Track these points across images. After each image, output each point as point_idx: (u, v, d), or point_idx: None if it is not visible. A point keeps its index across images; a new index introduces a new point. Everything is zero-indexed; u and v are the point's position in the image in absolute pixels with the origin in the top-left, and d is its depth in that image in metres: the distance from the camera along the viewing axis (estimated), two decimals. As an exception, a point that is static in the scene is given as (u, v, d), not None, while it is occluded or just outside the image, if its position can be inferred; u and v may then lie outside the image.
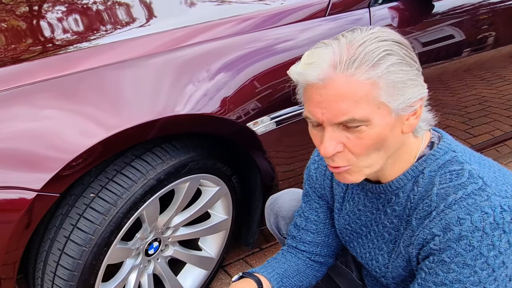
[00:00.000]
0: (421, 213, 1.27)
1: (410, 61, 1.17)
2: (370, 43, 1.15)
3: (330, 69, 1.14)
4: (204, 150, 2.03)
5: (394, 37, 1.18)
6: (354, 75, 1.13)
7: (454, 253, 1.19)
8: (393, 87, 1.15)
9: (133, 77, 1.76)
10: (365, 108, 1.15)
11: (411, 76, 1.17)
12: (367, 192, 1.42)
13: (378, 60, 1.13)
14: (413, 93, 1.17)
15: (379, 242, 1.43)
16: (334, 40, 1.19)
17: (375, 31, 1.19)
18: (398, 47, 1.17)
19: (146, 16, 2.28)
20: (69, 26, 2.19)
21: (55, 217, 1.82)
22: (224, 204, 2.25)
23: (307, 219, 1.64)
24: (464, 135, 2.89)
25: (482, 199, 1.19)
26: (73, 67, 1.72)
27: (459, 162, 1.26)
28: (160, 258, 2.18)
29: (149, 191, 1.86)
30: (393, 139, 1.22)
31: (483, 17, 2.62)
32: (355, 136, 1.18)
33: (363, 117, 1.15)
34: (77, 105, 1.66)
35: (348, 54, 1.14)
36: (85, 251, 1.79)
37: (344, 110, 1.15)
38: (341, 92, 1.14)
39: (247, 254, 2.72)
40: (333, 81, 1.14)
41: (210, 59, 1.89)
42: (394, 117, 1.18)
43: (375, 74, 1.13)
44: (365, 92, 1.14)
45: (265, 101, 1.98)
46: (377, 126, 1.17)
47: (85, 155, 1.64)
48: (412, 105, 1.18)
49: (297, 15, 2.11)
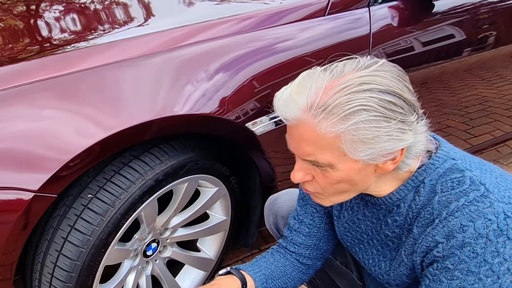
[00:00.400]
0: (423, 221, 1.27)
1: (390, 115, 1.13)
2: (347, 92, 1.11)
3: (304, 111, 1.15)
4: (203, 150, 2.03)
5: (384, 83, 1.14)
6: (318, 125, 1.14)
7: (458, 260, 1.19)
8: (359, 142, 1.14)
9: (131, 77, 1.76)
10: (328, 154, 1.17)
11: (386, 132, 1.13)
12: (367, 202, 1.42)
13: (348, 114, 1.11)
14: (385, 147, 1.15)
15: (384, 249, 1.43)
16: (321, 74, 1.17)
17: (367, 73, 1.15)
18: (379, 100, 1.12)
19: (144, 16, 2.29)
20: (67, 25, 2.19)
21: (53, 218, 1.82)
22: (223, 205, 2.25)
23: (302, 222, 1.64)
24: (465, 135, 2.89)
25: (485, 205, 1.19)
26: (71, 67, 1.72)
27: (460, 170, 1.26)
28: (159, 259, 2.18)
29: (147, 192, 1.86)
30: (363, 179, 1.24)
31: (483, 16, 2.62)
32: (321, 173, 1.23)
33: (325, 162, 1.19)
34: (74, 105, 1.67)
35: (322, 99, 1.13)
36: (82, 252, 1.79)
37: (308, 152, 1.19)
38: (306, 136, 1.17)
39: (246, 255, 2.72)
40: (304, 124, 1.16)
41: (208, 59, 1.89)
42: (362, 164, 1.19)
43: (339, 128, 1.12)
44: (328, 142, 1.15)
45: (264, 101, 1.98)
46: (341, 171, 1.20)
47: (82, 156, 1.64)
48: (386, 155, 1.17)
49: (296, 15, 2.11)
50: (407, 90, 1.17)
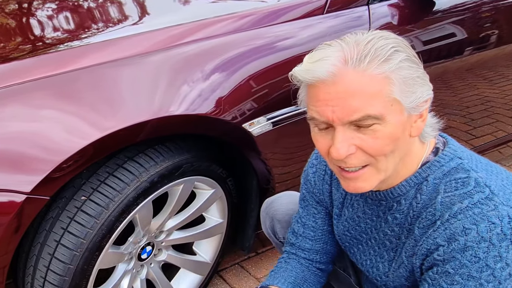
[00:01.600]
0: (424, 222, 1.27)
1: (416, 60, 1.18)
2: (378, 40, 1.15)
3: (341, 64, 1.13)
4: (199, 151, 2.03)
5: (396, 36, 1.19)
6: (366, 70, 1.12)
7: (459, 264, 1.18)
8: (404, 84, 1.14)
9: (126, 76, 1.77)
10: (378, 104, 1.13)
11: (419, 74, 1.17)
12: (367, 198, 1.42)
13: (389, 55, 1.13)
14: (422, 92, 1.17)
15: (381, 249, 1.43)
16: (338, 40, 1.19)
17: (376, 32, 1.19)
18: (403, 45, 1.18)
19: (139, 14, 2.29)
20: (60, 24, 2.20)
21: (45, 220, 1.82)
22: (219, 207, 2.25)
23: (305, 225, 1.64)
24: (466, 136, 2.90)
25: (489, 208, 1.18)
26: (64, 66, 1.73)
27: (465, 170, 1.25)
28: (153, 262, 2.19)
29: (142, 194, 1.87)
30: (404, 141, 1.21)
31: (485, 14, 2.63)
32: (368, 136, 1.16)
33: (377, 114, 1.13)
34: (68, 105, 1.67)
35: (358, 50, 1.14)
36: (76, 255, 1.79)
37: (357, 107, 1.13)
38: (353, 88, 1.12)
39: (243, 258, 2.72)
40: (344, 77, 1.13)
41: (205, 58, 1.90)
42: (406, 116, 1.18)
43: (388, 68, 1.12)
44: (379, 88, 1.13)
45: (261, 101, 1.98)
46: (390, 125, 1.15)
47: (76, 157, 1.64)
48: (420, 105, 1.18)
49: (294, 13, 2.12)
50: None
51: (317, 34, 2.11)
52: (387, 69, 1.12)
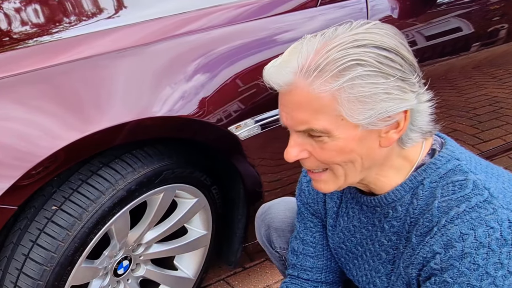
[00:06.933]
0: (422, 229, 1.28)
1: (388, 71, 1.16)
2: (340, 49, 1.16)
3: (296, 73, 1.18)
4: (181, 157, 2.04)
5: (379, 40, 1.18)
6: (312, 85, 1.17)
7: (457, 273, 1.20)
8: (357, 101, 1.16)
9: (101, 75, 1.78)
10: (324, 119, 1.19)
11: (385, 89, 1.17)
12: (362, 205, 1.44)
13: (342, 70, 1.15)
14: (386, 108, 1.18)
15: (376, 263, 1.44)
16: (312, 38, 1.22)
17: (361, 31, 1.20)
18: (375, 55, 1.16)
19: (115, 7, 2.30)
20: (29, 17, 2.20)
21: (13, 232, 1.83)
22: (203, 218, 2.26)
23: (303, 241, 1.66)
24: (473, 140, 2.91)
25: (487, 212, 1.20)
26: (32, 64, 1.73)
27: (463, 172, 1.27)
28: (131, 278, 2.20)
29: (118, 203, 1.88)
30: (366, 152, 1.24)
31: (494, 7, 2.65)
32: (318, 145, 1.24)
33: (322, 129, 1.20)
34: (38, 106, 1.68)
35: (314, 59, 1.17)
36: (46, 270, 1.80)
37: (302, 119, 1.20)
38: (299, 101, 1.19)
39: (229, 274, 2.73)
40: (296, 87, 1.18)
41: (187, 55, 1.91)
42: (361, 131, 1.21)
43: (333, 86, 1.15)
44: (323, 104, 1.17)
45: (249, 102, 2.00)
46: (339, 139, 1.21)
47: (46, 163, 1.65)
48: (386, 119, 1.20)
49: (284, 6, 2.13)
50: (405, 49, 1.21)
51: (309, 29, 2.12)
52: (332, 87, 1.16)
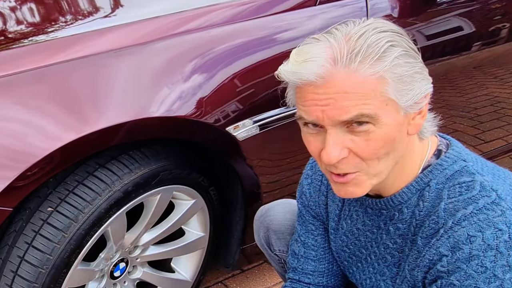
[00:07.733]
0: (428, 232, 1.28)
1: (414, 53, 1.20)
2: (371, 34, 1.17)
3: (330, 64, 1.15)
4: (178, 158, 2.04)
5: (393, 27, 1.21)
6: (358, 70, 1.14)
7: (464, 275, 1.19)
8: (400, 82, 1.16)
9: (97, 74, 1.78)
10: (372, 104, 1.15)
11: (417, 69, 1.19)
12: (367, 208, 1.43)
13: (383, 52, 1.15)
14: (420, 88, 1.20)
15: (380, 266, 1.44)
16: (326, 34, 1.21)
17: (371, 22, 1.21)
18: (400, 38, 1.19)
19: (112, 6, 2.30)
20: (24, 16, 2.20)
21: (8, 234, 1.83)
22: (200, 220, 2.26)
23: (305, 244, 1.65)
24: (474, 140, 2.91)
25: (495, 214, 1.20)
26: (28, 64, 1.73)
27: (470, 173, 1.27)
28: (127, 281, 2.20)
29: (114, 205, 1.88)
30: (400, 141, 1.23)
31: (495, 6, 2.66)
32: (361, 138, 1.18)
33: (371, 113, 1.16)
34: (34, 106, 1.68)
35: (348, 47, 1.16)
36: (41, 273, 1.80)
37: (349, 107, 1.15)
38: (344, 89, 1.15)
39: (227, 276, 2.74)
40: (335, 78, 1.15)
41: (185, 55, 1.91)
42: (402, 116, 1.20)
43: (381, 67, 1.15)
44: (371, 88, 1.15)
45: (247, 102, 2.00)
46: (385, 125, 1.18)
47: (41, 164, 1.65)
48: (419, 102, 1.21)
49: (283, 5, 2.13)
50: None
51: (308, 28, 2.12)
52: (381, 69, 1.14)
